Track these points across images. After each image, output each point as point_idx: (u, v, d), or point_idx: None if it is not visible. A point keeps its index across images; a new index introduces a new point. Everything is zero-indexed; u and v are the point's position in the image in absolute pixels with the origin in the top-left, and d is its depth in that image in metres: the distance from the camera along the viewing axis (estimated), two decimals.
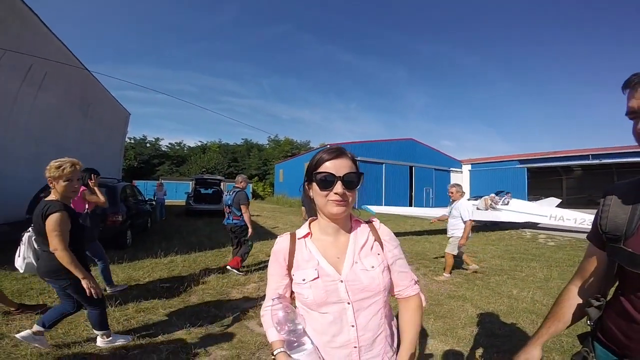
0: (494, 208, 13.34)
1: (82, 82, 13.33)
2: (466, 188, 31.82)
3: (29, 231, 2.86)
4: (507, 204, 13.50)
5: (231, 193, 5.52)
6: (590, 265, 1.09)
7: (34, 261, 2.79)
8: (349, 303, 1.03)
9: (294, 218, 15.97)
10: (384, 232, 1.18)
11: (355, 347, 1.04)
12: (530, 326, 3.51)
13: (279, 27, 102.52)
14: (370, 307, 1.06)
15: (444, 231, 6.50)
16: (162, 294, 4.26)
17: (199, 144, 52.85)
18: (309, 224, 1.17)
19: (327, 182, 1.01)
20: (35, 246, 2.77)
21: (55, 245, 2.50)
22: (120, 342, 2.96)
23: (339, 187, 1.00)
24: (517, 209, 13.06)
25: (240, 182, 5.65)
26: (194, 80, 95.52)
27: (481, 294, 4.64)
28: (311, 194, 1.10)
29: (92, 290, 2.60)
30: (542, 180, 28.59)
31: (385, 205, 23.95)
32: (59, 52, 10.96)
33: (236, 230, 5.53)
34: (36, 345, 2.75)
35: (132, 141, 43.87)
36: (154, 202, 11.95)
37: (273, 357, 1.07)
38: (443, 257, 6.22)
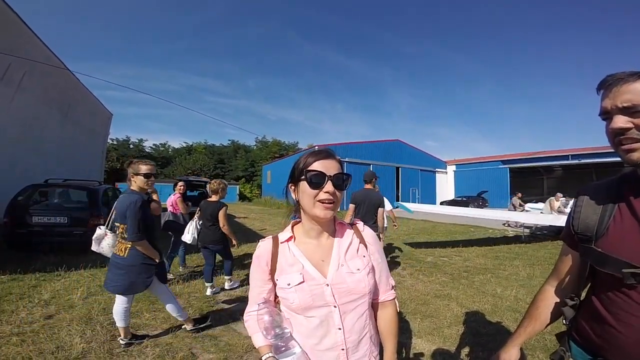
0: (561, 212, 11.31)
1: (63, 82, 12.98)
2: (451, 188, 32.33)
3: (196, 219, 4.92)
4: None
5: None
6: (565, 265, 1.11)
7: (196, 236, 4.83)
8: (335, 306, 1.03)
9: (282, 220, 15.86)
10: (368, 234, 1.18)
11: (342, 349, 1.04)
12: (514, 325, 3.57)
13: (264, 25, 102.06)
14: (356, 310, 1.06)
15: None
16: (146, 298, 4.18)
17: (184, 145, 52.16)
18: (292, 227, 1.16)
19: (317, 182, 1.00)
20: (198, 226, 4.83)
21: (224, 223, 4.52)
22: (236, 286, 4.83)
23: (329, 186, 0.99)
24: None
25: None
26: (178, 80, 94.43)
27: (466, 293, 4.72)
28: (295, 195, 1.08)
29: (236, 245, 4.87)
30: (524, 180, 29.23)
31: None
32: (39, 51, 10.65)
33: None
34: (236, 286, 4.84)
35: (115, 142, 42.92)
36: None
37: None
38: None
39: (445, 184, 32.55)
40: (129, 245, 2.82)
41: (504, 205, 25.99)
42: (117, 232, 2.96)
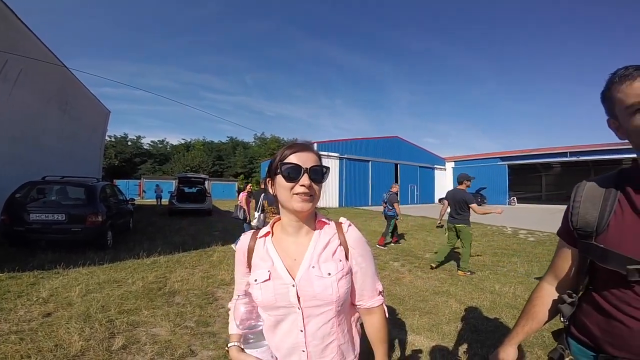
0: None
1: (60, 79, 12.88)
2: (449, 185, 32.37)
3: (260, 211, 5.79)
4: None
5: (386, 195, 8.37)
6: (562, 262, 1.08)
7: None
8: (298, 309, 0.99)
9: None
10: (351, 236, 1.08)
11: (303, 351, 1.01)
12: (512, 321, 3.58)
13: (262, 21, 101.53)
14: (321, 316, 1.01)
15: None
16: (145, 295, 4.18)
17: (183, 141, 52.13)
18: (273, 223, 1.14)
19: (293, 174, 0.96)
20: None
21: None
22: None
23: (305, 179, 0.96)
24: None
25: (393, 188, 8.49)
26: (175, 76, 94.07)
27: (465, 289, 4.73)
28: (273, 190, 1.05)
29: None
30: (523, 176, 29.35)
31: (372, 203, 23.94)
32: (36, 48, 10.56)
33: (388, 218, 8.24)
34: None
35: (113, 139, 42.82)
36: (135, 202, 11.65)
37: (227, 349, 1.10)
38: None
39: (444, 181, 32.59)
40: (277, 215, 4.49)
41: (502, 202, 26.07)
42: (266, 211, 4.89)
